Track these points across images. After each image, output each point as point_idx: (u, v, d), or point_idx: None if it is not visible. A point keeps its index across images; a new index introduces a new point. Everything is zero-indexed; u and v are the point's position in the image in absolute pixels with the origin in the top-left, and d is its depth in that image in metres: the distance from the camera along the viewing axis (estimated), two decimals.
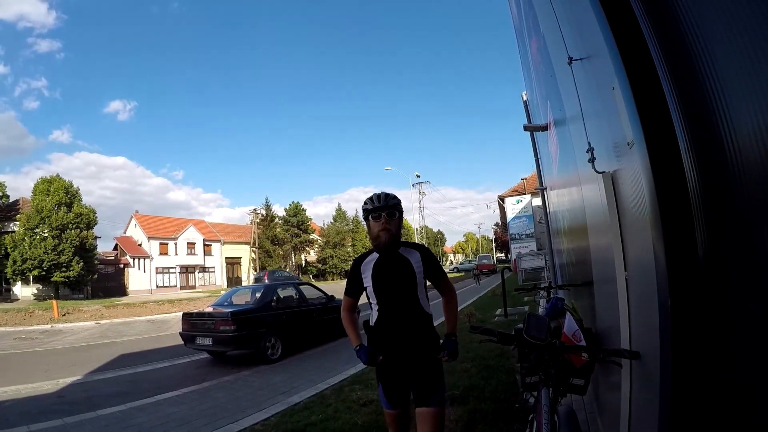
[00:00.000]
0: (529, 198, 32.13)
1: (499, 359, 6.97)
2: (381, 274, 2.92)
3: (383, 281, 2.91)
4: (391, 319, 2.91)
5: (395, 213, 2.93)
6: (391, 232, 2.88)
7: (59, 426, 5.78)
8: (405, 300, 2.89)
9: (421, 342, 2.89)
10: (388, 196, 2.97)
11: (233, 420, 5.63)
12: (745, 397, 1.14)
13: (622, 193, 2.03)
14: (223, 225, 61.67)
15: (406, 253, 2.96)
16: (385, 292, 2.91)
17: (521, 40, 9.64)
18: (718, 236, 1.19)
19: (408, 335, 2.88)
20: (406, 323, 2.88)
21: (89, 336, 16.45)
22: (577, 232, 4.50)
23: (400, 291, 2.89)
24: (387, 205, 2.91)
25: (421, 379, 2.86)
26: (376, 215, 2.89)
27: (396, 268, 2.91)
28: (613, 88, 1.62)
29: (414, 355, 2.86)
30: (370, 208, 2.92)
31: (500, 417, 4.53)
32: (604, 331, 3.04)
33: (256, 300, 10.40)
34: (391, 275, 2.91)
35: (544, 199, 11.46)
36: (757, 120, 0.91)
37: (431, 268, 3.00)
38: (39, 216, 34.21)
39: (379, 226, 2.87)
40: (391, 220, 2.90)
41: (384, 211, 2.89)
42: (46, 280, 34.98)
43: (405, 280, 2.89)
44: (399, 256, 2.94)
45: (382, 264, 2.94)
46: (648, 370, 1.78)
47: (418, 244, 3.13)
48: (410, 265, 2.91)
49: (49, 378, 8.81)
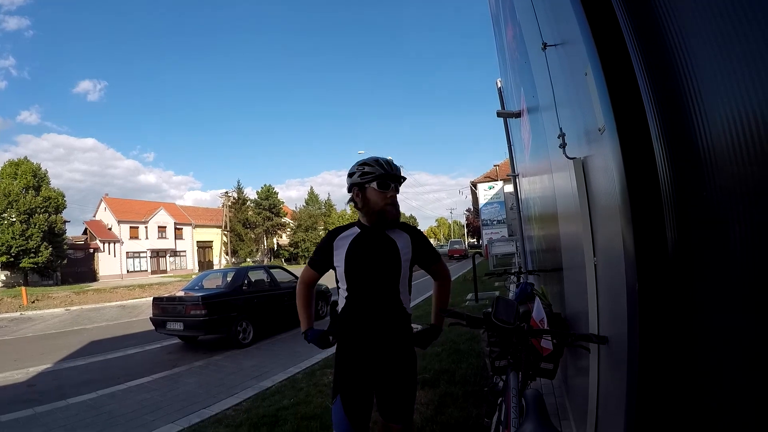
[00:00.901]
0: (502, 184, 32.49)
1: (469, 343, 7.05)
2: (358, 255, 2.40)
3: (359, 264, 2.39)
4: (360, 313, 2.41)
5: (399, 186, 2.46)
6: (397, 207, 2.41)
7: (30, 416, 5.67)
8: (382, 292, 2.40)
9: (394, 345, 2.43)
10: (395, 164, 2.46)
11: (205, 405, 5.59)
12: (708, 380, 1.16)
13: (592, 179, 2.04)
14: (195, 208, 60.90)
15: (394, 234, 2.46)
16: (359, 278, 2.40)
17: (497, 27, 9.64)
18: (687, 224, 1.20)
19: (380, 335, 2.40)
20: (380, 320, 2.40)
21: (59, 323, 16.21)
22: (547, 218, 4.55)
23: (379, 280, 2.40)
24: (397, 175, 2.42)
25: (391, 388, 2.44)
26: (383, 183, 2.36)
27: (378, 251, 2.40)
28: (585, 74, 1.62)
29: (385, 361, 2.41)
30: (379, 173, 2.36)
31: (470, 400, 4.59)
32: (573, 316, 3.08)
33: (227, 284, 10.32)
34: (370, 259, 2.39)
35: (516, 185, 11.55)
36: (728, 107, 0.92)
37: (423, 251, 2.54)
38: (6, 200, 33.28)
39: (387, 197, 2.36)
40: (397, 193, 2.44)
41: (395, 182, 2.40)
42: (15, 267, 34.24)
43: (387, 267, 2.40)
44: (385, 238, 2.43)
45: (361, 243, 2.42)
46: (615, 355, 1.82)
47: (408, 225, 2.60)
48: (396, 250, 2.41)
49: (18, 367, 8.68)
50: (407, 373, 2.48)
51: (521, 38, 4.50)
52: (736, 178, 0.92)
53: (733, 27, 0.89)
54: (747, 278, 0.93)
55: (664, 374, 1.37)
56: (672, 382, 1.34)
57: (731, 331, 1.02)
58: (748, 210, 0.89)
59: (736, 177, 0.92)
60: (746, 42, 0.86)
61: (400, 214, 2.47)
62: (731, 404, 1.06)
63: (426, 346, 2.60)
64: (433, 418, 4.18)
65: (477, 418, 4.07)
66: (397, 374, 2.44)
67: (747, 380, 0.98)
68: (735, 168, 0.92)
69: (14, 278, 35.28)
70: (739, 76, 0.88)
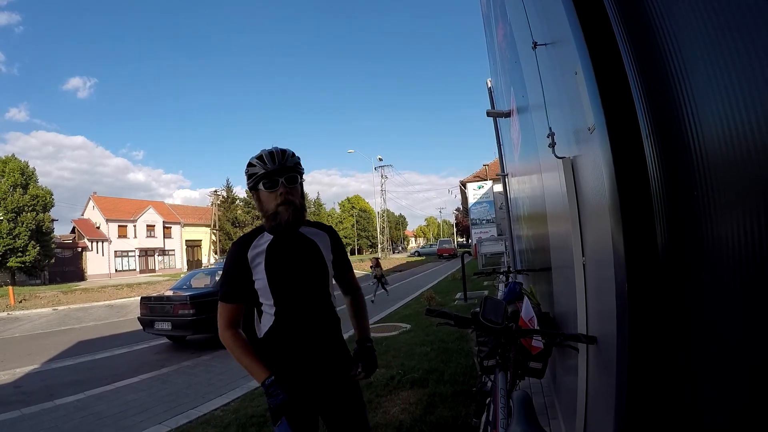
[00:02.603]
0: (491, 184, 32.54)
1: (458, 342, 7.06)
2: (279, 263, 2.06)
3: (283, 273, 2.06)
4: (294, 326, 2.08)
5: (296, 177, 2.08)
6: (294, 204, 2.05)
7: (17, 417, 5.63)
8: (314, 298, 2.11)
9: (334, 354, 2.17)
10: (286, 153, 2.07)
11: (193, 406, 5.57)
12: (698, 380, 1.16)
13: (581, 179, 2.04)
14: (184, 207, 60.57)
15: (311, 234, 2.18)
16: (287, 288, 2.06)
17: (488, 27, 9.67)
18: (677, 223, 1.20)
19: (318, 347, 2.11)
20: (316, 330, 2.11)
21: (47, 323, 16.11)
22: (536, 218, 4.56)
23: (308, 285, 2.09)
24: (285, 167, 2.03)
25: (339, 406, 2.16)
26: (269, 182, 2.03)
27: (300, 255, 2.10)
28: (576, 73, 1.61)
29: (327, 373, 2.13)
30: (259, 172, 2.03)
31: (459, 400, 4.59)
32: (561, 315, 3.09)
33: (215, 283, 10.24)
34: (294, 265, 2.08)
35: (505, 185, 11.60)
36: (719, 107, 0.91)
37: (339, 258, 2.26)
38: None
39: (276, 197, 2.03)
40: (292, 187, 2.05)
41: (282, 176, 2.03)
42: (2, 266, 33.99)
43: (313, 270, 2.11)
44: (302, 238, 2.13)
45: (279, 249, 2.08)
46: (604, 354, 1.81)
47: (322, 224, 2.31)
48: (318, 251, 2.15)
49: (5, 368, 8.61)
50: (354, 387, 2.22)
51: (512, 37, 4.50)
52: (727, 178, 0.91)
53: (725, 27, 0.89)
54: (736, 278, 0.92)
55: (653, 374, 1.36)
56: (661, 382, 1.34)
57: (720, 331, 1.02)
58: (738, 210, 0.89)
59: (726, 177, 0.91)
60: (738, 42, 0.85)
61: (302, 212, 2.11)
62: (720, 404, 1.05)
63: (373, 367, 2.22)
64: (422, 418, 4.17)
65: (466, 417, 4.06)
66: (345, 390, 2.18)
67: (736, 380, 0.98)
68: (726, 168, 0.91)
69: (1, 278, 34.92)
70: (730, 76, 0.88)
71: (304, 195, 2.20)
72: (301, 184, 2.15)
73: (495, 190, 28.00)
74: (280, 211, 2.02)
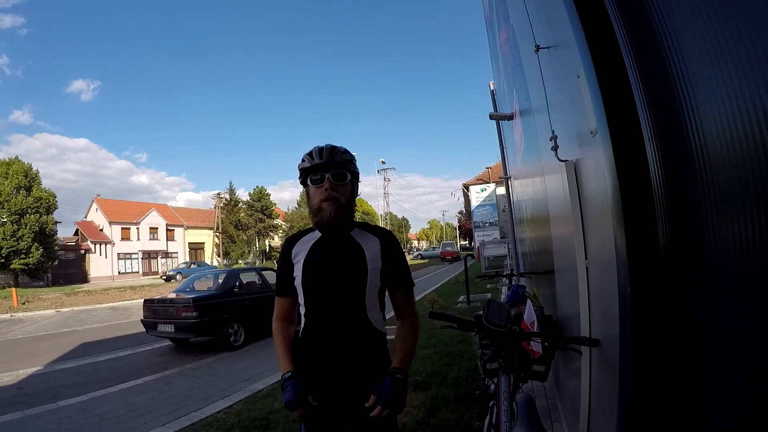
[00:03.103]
0: (494, 187, 32.60)
1: (461, 345, 7.05)
2: (317, 261, 1.96)
3: (317, 272, 1.95)
4: (319, 333, 1.96)
5: (346, 174, 1.97)
6: (339, 202, 1.93)
7: (20, 418, 5.63)
8: (345, 306, 1.93)
9: (365, 375, 1.93)
10: (336, 149, 1.98)
11: (196, 408, 5.56)
12: (702, 382, 1.16)
13: (584, 182, 2.04)
14: (186, 209, 60.72)
15: (361, 237, 2.01)
16: (317, 289, 1.95)
17: (491, 31, 9.66)
18: (679, 227, 1.20)
19: (343, 361, 1.92)
20: (344, 343, 1.92)
21: (50, 325, 16.12)
22: (539, 221, 4.56)
23: (340, 291, 1.92)
24: (333, 162, 1.93)
25: (366, 429, 1.91)
26: (316, 177, 1.95)
27: (340, 257, 1.96)
28: (578, 76, 1.62)
29: (354, 392, 1.91)
30: (307, 166, 1.96)
31: (462, 403, 4.58)
32: (564, 318, 3.08)
33: (218, 286, 10.27)
34: (330, 265, 1.94)
35: (508, 188, 11.57)
36: (721, 110, 0.92)
37: (391, 268, 2.01)
38: None
39: (321, 192, 1.93)
40: (339, 185, 1.95)
41: (328, 171, 1.93)
42: (5, 268, 34.05)
43: (350, 275, 1.93)
44: (349, 241, 1.99)
45: (321, 248, 1.99)
46: (607, 357, 1.81)
47: (380, 228, 2.11)
48: (362, 255, 1.95)
49: (8, 369, 8.61)
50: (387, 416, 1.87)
51: (514, 41, 4.51)
52: (729, 181, 0.92)
53: (726, 30, 0.89)
54: (739, 280, 0.92)
55: (656, 377, 1.36)
56: (664, 385, 1.34)
57: (724, 333, 1.02)
58: (740, 212, 0.89)
59: (728, 179, 0.92)
60: (739, 45, 0.86)
61: (347, 211, 1.98)
62: (725, 406, 1.05)
63: (396, 403, 1.83)
64: (425, 421, 4.17)
65: (469, 420, 4.06)
66: (374, 417, 1.84)
67: (740, 382, 0.98)
68: (727, 170, 0.91)
69: (4, 279, 35.05)
70: (732, 79, 0.88)
71: (354, 195, 2.05)
72: (352, 183, 2.03)
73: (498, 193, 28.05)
74: (323, 208, 1.93)
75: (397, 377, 1.85)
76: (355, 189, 2.06)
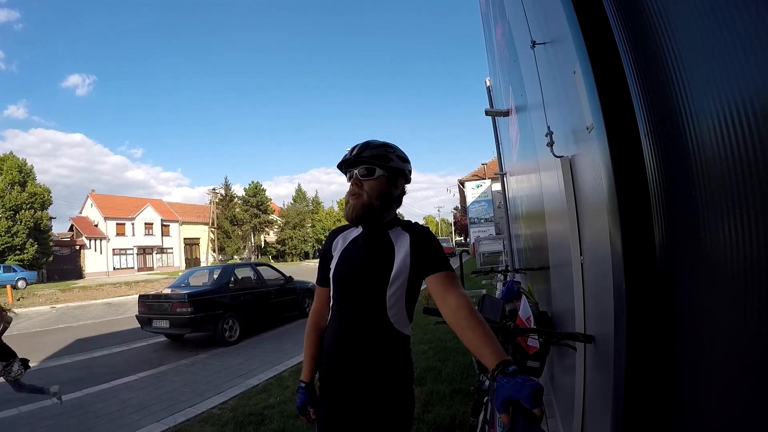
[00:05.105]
0: (489, 183, 32.63)
1: (456, 341, 7.02)
2: (349, 256, 1.94)
3: (346, 267, 1.93)
4: (338, 329, 1.93)
5: (374, 170, 1.87)
6: (360, 198, 1.85)
7: (14, 415, 5.64)
8: (364, 304, 1.86)
9: (380, 379, 1.87)
10: (369, 145, 1.91)
11: (191, 404, 5.57)
12: (696, 379, 1.16)
13: (579, 178, 2.04)
14: (182, 205, 60.49)
15: (396, 235, 1.92)
16: (342, 283, 1.92)
17: (487, 26, 9.66)
18: (675, 223, 1.20)
19: (361, 363, 1.87)
20: (359, 339, 1.87)
21: (45, 321, 16.06)
22: (534, 217, 4.56)
23: (361, 288, 1.87)
24: (360, 158, 1.86)
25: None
26: (347, 174, 1.93)
27: (368, 253, 1.91)
28: (574, 72, 1.61)
29: (366, 400, 1.87)
30: (340, 162, 1.94)
31: (456, 398, 4.60)
32: (559, 314, 3.09)
33: (213, 281, 10.25)
34: (357, 260, 1.91)
35: (503, 184, 11.60)
36: (719, 105, 0.91)
37: (423, 257, 1.85)
38: None
39: (350, 188, 1.90)
40: (366, 180, 1.87)
41: (356, 167, 1.89)
42: None
43: (373, 272, 1.86)
44: (384, 238, 1.92)
45: (357, 243, 1.96)
46: (602, 354, 1.82)
47: (415, 225, 1.99)
48: (391, 253, 1.87)
49: None
50: (397, 416, 1.91)
51: (510, 36, 4.50)
52: (726, 177, 0.91)
53: (724, 26, 0.88)
54: (734, 278, 0.92)
55: (651, 373, 1.36)
56: (659, 382, 1.34)
57: (719, 331, 1.02)
58: (737, 209, 0.89)
59: (725, 176, 0.91)
60: (737, 41, 0.85)
61: (370, 208, 1.87)
62: (718, 403, 1.06)
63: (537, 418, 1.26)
64: (420, 416, 4.18)
65: (464, 416, 4.07)
66: (384, 415, 1.87)
67: (734, 379, 0.98)
68: (724, 167, 0.91)
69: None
70: (729, 75, 0.88)
71: (387, 192, 1.90)
72: (386, 177, 1.89)
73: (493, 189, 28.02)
74: (348, 202, 1.89)
75: (517, 378, 1.30)
76: (390, 185, 1.91)
